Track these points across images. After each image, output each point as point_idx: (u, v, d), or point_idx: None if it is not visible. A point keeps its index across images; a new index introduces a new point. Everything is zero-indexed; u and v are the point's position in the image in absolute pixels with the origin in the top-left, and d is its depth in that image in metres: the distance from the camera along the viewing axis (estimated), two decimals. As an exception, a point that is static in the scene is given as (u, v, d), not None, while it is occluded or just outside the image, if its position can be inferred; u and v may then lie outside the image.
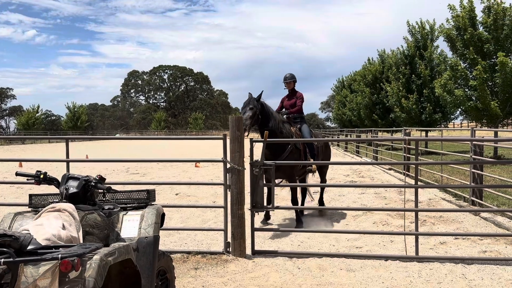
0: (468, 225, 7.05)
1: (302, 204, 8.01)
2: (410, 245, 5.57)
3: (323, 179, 8.59)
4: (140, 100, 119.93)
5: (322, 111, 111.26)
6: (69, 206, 2.86)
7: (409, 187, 6.15)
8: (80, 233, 2.78)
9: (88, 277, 2.22)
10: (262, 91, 6.82)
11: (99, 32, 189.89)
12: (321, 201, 8.42)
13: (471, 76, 19.43)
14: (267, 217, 7.56)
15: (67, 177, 3.15)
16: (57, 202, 3.05)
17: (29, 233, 2.48)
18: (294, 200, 7.25)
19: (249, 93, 6.91)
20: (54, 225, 2.62)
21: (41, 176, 3.25)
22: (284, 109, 7.88)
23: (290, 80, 7.82)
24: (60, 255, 2.14)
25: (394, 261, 5.25)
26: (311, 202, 8.83)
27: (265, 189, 6.03)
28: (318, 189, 9.39)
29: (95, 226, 2.96)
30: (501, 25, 18.81)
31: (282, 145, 6.90)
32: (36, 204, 3.26)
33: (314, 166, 7.57)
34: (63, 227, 2.67)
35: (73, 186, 3.07)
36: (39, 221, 2.71)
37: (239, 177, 5.50)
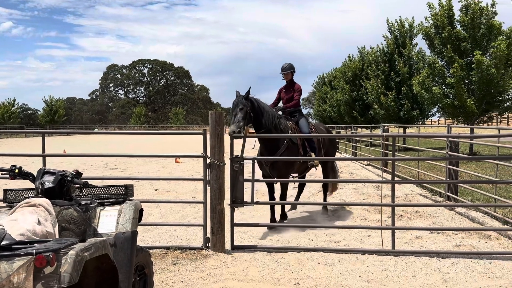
0: (443, 220, 7.21)
1: (297, 200, 7.92)
2: (386, 240, 5.67)
3: (326, 175, 8.03)
4: (119, 95, 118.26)
5: (303, 107, 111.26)
6: (45, 201, 2.81)
7: (386, 182, 6.25)
8: (56, 229, 2.74)
9: (64, 273, 2.19)
10: (250, 87, 6.46)
11: (78, 24, 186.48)
12: (324, 200, 8.07)
13: (448, 74, 19.81)
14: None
15: (43, 172, 3.11)
16: (32, 197, 3.00)
17: (3, 229, 2.44)
18: (283, 198, 6.91)
19: (236, 91, 6.52)
20: (29, 221, 2.58)
21: (16, 170, 3.19)
22: (281, 102, 7.49)
23: (288, 71, 7.31)
24: (34, 251, 2.11)
25: (371, 255, 5.34)
26: None
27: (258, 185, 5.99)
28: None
29: (71, 221, 2.93)
30: (478, 24, 19.21)
31: (277, 142, 6.65)
32: (11, 199, 3.20)
33: (316, 160, 7.08)
34: (39, 223, 2.63)
35: (49, 181, 3.03)
36: (13, 216, 2.66)
37: (219, 173, 5.50)
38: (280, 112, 7.16)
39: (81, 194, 3.42)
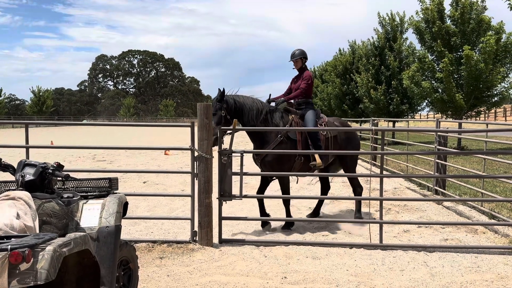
0: (431, 214, 7.24)
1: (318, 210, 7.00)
2: (374, 233, 5.67)
3: (353, 181, 6.85)
4: (109, 86, 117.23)
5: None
6: (25, 194, 2.73)
7: (374, 176, 6.25)
8: (36, 223, 2.66)
9: (40, 269, 2.12)
10: (223, 88, 6.05)
11: (67, 14, 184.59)
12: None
13: (438, 68, 19.88)
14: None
15: (24, 164, 3.02)
16: (12, 190, 2.92)
17: (-21, 223, 2.35)
18: (285, 201, 6.38)
19: (218, 88, 6.06)
20: (7, 214, 2.50)
21: (-5, 162, 3.10)
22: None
23: (297, 58, 6.54)
24: (9, 246, 2.03)
25: (358, 248, 5.33)
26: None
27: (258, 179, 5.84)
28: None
29: (53, 215, 2.85)
30: (467, 19, 19.27)
31: (265, 136, 6.13)
32: None
33: (318, 160, 6.15)
34: (18, 216, 2.55)
35: (29, 173, 2.94)
36: (-9, 210, 2.58)
37: (207, 166, 5.43)
38: (273, 104, 6.46)
39: (63, 187, 3.34)
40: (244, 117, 6.12)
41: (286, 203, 6.42)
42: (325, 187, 7.21)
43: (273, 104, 6.51)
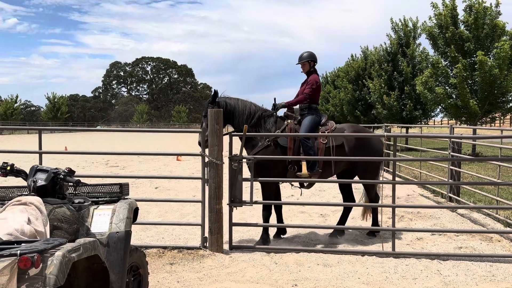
0: (445, 221, 7.13)
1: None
2: (387, 241, 5.59)
3: (369, 193, 6.42)
4: (122, 92, 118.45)
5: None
6: (36, 200, 2.75)
7: (386, 183, 6.17)
8: (47, 228, 2.68)
9: (49, 274, 2.13)
10: (216, 90, 5.91)
11: (83, 22, 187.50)
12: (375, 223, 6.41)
13: (451, 74, 19.66)
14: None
15: (36, 169, 3.05)
16: (24, 195, 2.94)
17: (-9, 228, 2.38)
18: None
19: (214, 90, 5.97)
20: (19, 219, 2.52)
21: (8, 168, 3.13)
22: None
23: (305, 61, 6.15)
24: (19, 251, 2.04)
25: (370, 256, 5.27)
26: None
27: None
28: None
29: (63, 220, 2.87)
30: (481, 24, 19.05)
31: (252, 141, 5.93)
32: (2, 197, 3.14)
33: (304, 170, 5.73)
34: (29, 221, 2.57)
35: (41, 179, 2.97)
36: (3, 215, 2.61)
37: (218, 171, 5.43)
38: (282, 110, 6.17)
39: (75, 192, 3.37)
40: (235, 120, 5.91)
41: (278, 209, 6.28)
42: (347, 197, 6.65)
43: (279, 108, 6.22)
